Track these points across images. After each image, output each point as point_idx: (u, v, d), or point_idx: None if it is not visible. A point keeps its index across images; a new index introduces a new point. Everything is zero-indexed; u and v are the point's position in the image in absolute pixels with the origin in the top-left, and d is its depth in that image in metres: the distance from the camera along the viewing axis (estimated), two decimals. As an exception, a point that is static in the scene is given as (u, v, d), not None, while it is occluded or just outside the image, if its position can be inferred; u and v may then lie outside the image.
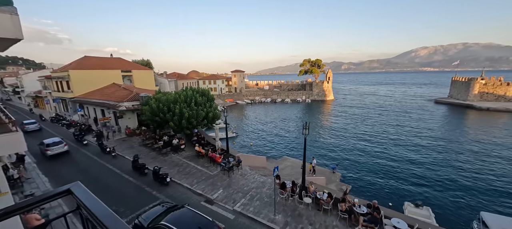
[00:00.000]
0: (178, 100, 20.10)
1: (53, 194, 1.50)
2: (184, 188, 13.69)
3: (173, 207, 9.03)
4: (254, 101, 73.53)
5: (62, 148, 18.53)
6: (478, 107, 50.68)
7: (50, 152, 17.78)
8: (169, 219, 7.90)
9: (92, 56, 39.01)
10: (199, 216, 8.23)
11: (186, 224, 7.69)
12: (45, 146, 17.88)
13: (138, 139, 22.73)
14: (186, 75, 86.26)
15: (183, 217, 8.14)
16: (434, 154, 26.04)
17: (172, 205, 9.52)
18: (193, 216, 8.19)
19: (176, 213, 8.44)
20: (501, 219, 12.12)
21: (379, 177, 20.97)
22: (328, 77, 73.81)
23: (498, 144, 28.76)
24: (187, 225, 7.61)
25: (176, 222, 7.73)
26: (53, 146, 18.09)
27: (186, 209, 8.63)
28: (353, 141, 31.68)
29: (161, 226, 7.66)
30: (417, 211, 14.13)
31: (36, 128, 26.95)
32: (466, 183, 19.36)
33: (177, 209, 8.70)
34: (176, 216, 8.21)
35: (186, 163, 17.40)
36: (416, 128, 37.93)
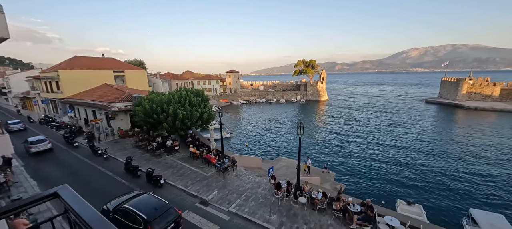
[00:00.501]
0: (172, 100, 19.87)
1: (39, 198, 1.44)
2: (178, 189, 13.52)
3: (137, 194, 10.10)
4: (249, 102, 73.49)
5: (46, 145, 19.05)
6: (467, 107, 52.25)
7: (34, 149, 18.36)
8: (131, 203, 9.17)
9: (83, 56, 38.12)
10: (158, 201, 9.50)
11: (145, 206, 9.00)
12: (28, 144, 18.46)
13: (131, 141, 22.33)
14: (180, 76, 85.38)
15: (144, 201, 9.41)
16: (425, 153, 26.67)
17: (138, 193, 10.50)
18: (153, 201, 9.49)
19: (138, 198, 9.64)
20: (489, 215, 12.52)
21: (372, 176, 21.30)
22: (322, 78, 74.56)
23: (485, 142, 29.71)
24: (145, 207, 8.89)
25: (137, 204, 9.02)
26: (37, 143, 18.66)
27: (147, 195, 9.97)
28: (347, 141, 32.09)
29: (123, 208, 8.95)
30: (409, 208, 14.44)
31: (20, 128, 26.79)
32: (455, 181, 19.90)
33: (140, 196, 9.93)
34: (138, 200, 9.44)
35: (180, 165, 17.19)
36: (407, 127, 38.75)
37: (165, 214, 8.77)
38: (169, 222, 8.58)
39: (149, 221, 8.19)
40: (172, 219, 8.77)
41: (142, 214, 8.40)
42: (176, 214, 9.08)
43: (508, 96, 54.54)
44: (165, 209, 8.95)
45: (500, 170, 21.57)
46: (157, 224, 8.30)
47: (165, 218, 8.65)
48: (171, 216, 8.87)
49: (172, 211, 9.09)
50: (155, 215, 8.50)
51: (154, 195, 10.07)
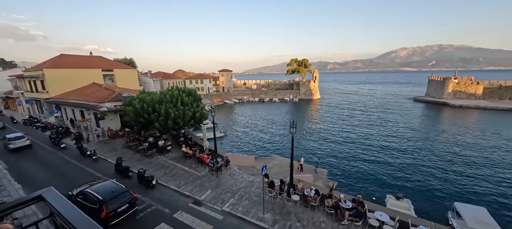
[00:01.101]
0: (164, 100, 19.55)
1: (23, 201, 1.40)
2: (171, 190, 13.36)
3: (100, 181, 11.28)
4: (242, 101, 73.35)
5: (24, 142, 19.49)
6: (452, 105, 54.28)
7: (12, 145, 18.84)
8: (92, 188, 10.27)
9: (69, 54, 36.84)
10: (116, 186, 10.62)
11: (103, 189, 10.17)
12: (7, 140, 18.94)
13: (122, 141, 21.83)
14: (172, 75, 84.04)
15: (103, 186, 10.55)
16: (413, 150, 27.52)
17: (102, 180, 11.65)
18: (111, 186, 10.59)
19: (100, 184, 10.79)
20: (472, 208, 13.10)
21: (363, 173, 21.79)
22: (314, 77, 75.37)
23: (469, 139, 30.99)
24: (103, 190, 10.08)
25: (96, 189, 10.17)
26: (15, 140, 19.12)
27: (109, 182, 11.06)
28: (339, 139, 32.64)
29: (84, 192, 10.09)
30: (398, 203, 14.89)
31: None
32: (442, 176, 20.67)
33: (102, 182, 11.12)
34: (99, 185, 10.59)
35: (173, 165, 16.98)
36: (397, 125, 39.85)
37: (120, 196, 9.97)
38: (123, 203, 9.90)
39: (104, 201, 9.46)
40: (126, 200, 10.05)
41: (98, 196, 9.66)
42: (131, 196, 10.34)
43: (490, 95, 57.08)
44: (121, 192, 10.16)
45: (483, 166, 22.58)
46: (111, 204, 9.56)
47: (119, 199, 9.87)
48: (126, 198, 10.11)
49: (127, 194, 10.31)
50: (110, 197, 9.74)
51: (115, 182, 11.08)
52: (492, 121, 40.14)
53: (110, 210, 9.39)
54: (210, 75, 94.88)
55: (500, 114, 45.01)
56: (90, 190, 9.98)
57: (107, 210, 9.27)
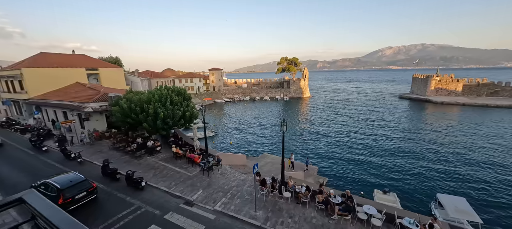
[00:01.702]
0: (152, 99, 19.09)
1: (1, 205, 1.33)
2: (161, 191, 13.11)
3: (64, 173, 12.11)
4: (233, 100, 73.02)
5: None
6: (435, 101, 56.87)
7: None
8: (53, 178, 11.19)
9: (50, 52, 35.01)
10: (76, 176, 11.64)
11: (63, 179, 11.13)
12: None
13: (108, 143, 21.11)
14: (160, 74, 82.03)
15: (64, 177, 11.45)
16: (399, 145, 28.62)
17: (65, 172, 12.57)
18: (71, 176, 11.57)
19: (62, 175, 11.68)
20: (453, 199, 13.82)
21: (352, 168, 22.42)
22: (304, 75, 76.28)
23: (450, 134, 32.65)
24: (62, 180, 11.04)
25: (57, 179, 11.12)
26: None
27: (71, 173, 11.96)
28: (328, 136, 33.32)
29: (46, 182, 11.01)
30: (384, 197, 15.46)
31: None
32: (425, 169, 21.67)
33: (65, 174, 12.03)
34: (60, 176, 11.49)
35: (162, 166, 16.65)
36: (383, 122, 41.23)
37: (78, 185, 11.02)
38: (81, 191, 10.95)
39: (61, 189, 10.47)
40: (85, 189, 11.12)
41: (57, 184, 10.67)
42: (89, 185, 11.45)
43: (469, 91, 60.31)
44: (79, 181, 11.22)
45: (462, 159, 23.88)
46: (68, 191, 10.57)
47: (77, 187, 10.93)
48: (84, 187, 11.17)
49: (86, 183, 11.40)
50: (68, 185, 10.78)
51: (77, 173, 12.00)
52: (470, 116, 42.48)
53: (67, 197, 10.42)
54: (200, 74, 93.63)
55: (478, 110, 47.74)
56: (50, 180, 11.00)
57: (64, 197, 10.29)
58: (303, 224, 10.19)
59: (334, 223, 10.24)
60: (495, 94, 57.89)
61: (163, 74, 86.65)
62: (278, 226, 10.05)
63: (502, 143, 28.04)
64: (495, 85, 58.61)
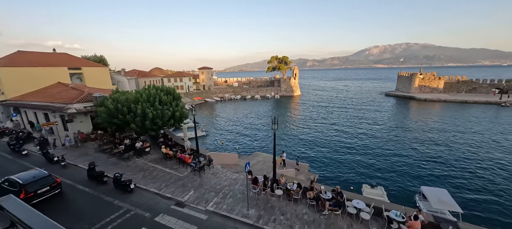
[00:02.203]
0: (140, 99, 18.57)
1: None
2: (151, 193, 12.82)
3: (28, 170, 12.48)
4: (224, 99, 72.49)
5: None
6: (418, 98, 59.27)
7: None
8: (17, 175, 11.51)
9: (28, 50, 33.16)
10: (39, 172, 11.96)
11: (26, 176, 11.50)
12: None
13: (94, 145, 20.34)
14: (148, 73, 79.94)
15: (28, 173, 11.80)
16: (385, 141, 29.62)
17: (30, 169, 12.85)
18: (35, 172, 11.90)
19: (26, 172, 12.04)
20: (435, 191, 14.51)
21: (341, 164, 22.97)
22: (294, 74, 76.98)
23: (432, 129, 34.17)
24: (25, 176, 11.43)
25: (20, 176, 11.44)
26: None
27: (35, 170, 12.28)
28: (318, 134, 33.90)
29: (9, 178, 11.32)
30: (372, 191, 15.98)
31: None
32: (410, 163, 22.58)
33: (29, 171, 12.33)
34: (24, 173, 11.84)
35: (152, 167, 16.28)
36: (370, 119, 42.49)
37: (41, 181, 11.39)
38: (43, 186, 11.32)
39: (23, 185, 10.85)
40: (47, 184, 11.50)
41: (19, 180, 11.00)
42: (53, 180, 11.80)
43: (450, 88, 63.35)
44: (42, 177, 11.58)
45: (443, 152, 25.09)
46: (30, 187, 10.95)
47: (40, 183, 11.31)
48: (47, 182, 11.54)
49: (49, 179, 11.75)
50: (30, 181, 11.15)
51: (41, 170, 12.23)
52: (451, 112, 44.67)
53: (29, 191, 10.81)
54: (189, 73, 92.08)
55: (458, 106, 50.29)
56: (13, 177, 11.31)
57: (26, 192, 10.66)
58: (295, 221, 10.34)
59: (325, 219, 10.46)
60: (473, 90, 61.18)
61: (151, 73, 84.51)
62: (270, 224, 10.13)
63: (479, 137, 29.73)
64: (473, 82, 61.94)
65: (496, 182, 18.55)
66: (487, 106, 49.43)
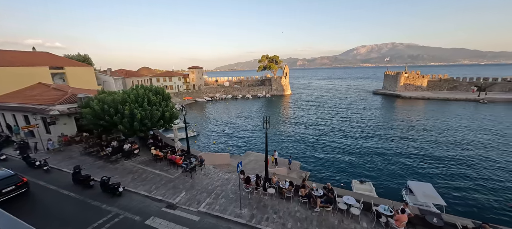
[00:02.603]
0: (128, 100, 18.03)
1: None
2: (140, 196, 12.50)
3: None
4: (215, 98, 71.86)
5: None
6: (404, 96, 61.50)
7: None
8: None
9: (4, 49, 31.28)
10: (4, 172, 12.03)
11: None
12: None
13: (79, 148, 19.54)
14: (136, 72, 77.75)
15: None
16: (373, 138, 30.52)
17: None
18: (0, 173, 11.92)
19: None
20: (421, 185, 15.13)
21: (332, 162, 23.42)
22: (285, 73, 77.59)
23: (417, 125, 35.58)
24: None
25: None
26: None
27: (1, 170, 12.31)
28: (309, 132, 34.39)
29: None
30: (362, 187, 16.43)
31: None
32: (397, 159, 23.40)
33: None
34: None
35: (141, 169, 15.87)
36: (359, 116, 43.62)
37: (5, 180, 11.45)
38: (8, 185, 11.36)
39: None
40: (13, 183, 11.55)
41: None
42: (18, 180, 11.83)
43: (433, 86, 66.23)
44: (6, 176, 11.65)
45: (428, 148, 26.21)
46: None
47: (5, 182, 11.35)
48: (12, 181, 11.58)
49: (15, 178, 11.79)
50: None
51: (7, 170, 12.26)
52: (434, 109, 46.74)
53: None
54: (179, 72, 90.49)
55: (440, 103, 52.70)
56: None
57: None
58: (287, 219, 10.44)
59: (316, 215, 10.64)
60: (454, 88, 64.31)
61: (139, 73, 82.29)
62: (263, 222, 10.18)
63: (460, 133, 31.30)
64: (454, 81, 65.09)
65: (476, 176, 19.62)
66: (467, 103, 52.12)
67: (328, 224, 10.07)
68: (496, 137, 28.72)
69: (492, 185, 17.98)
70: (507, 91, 57.87)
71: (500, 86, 59.67)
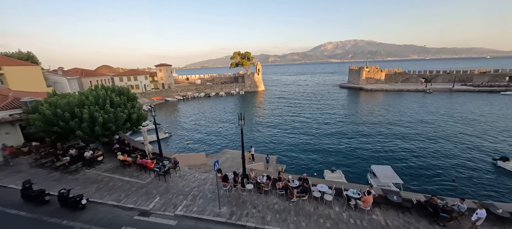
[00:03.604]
0: (86, 102, 16.26)
1: None
2: (108, 206, 11.48)
3: None
4: (187, 97, 69.04)
5: None
6: (366, 89, 67.29)
7: None
8: None
9: None
10: None
11: None
12: None
13: (29, 159, 17.01)
14: (94, 72, 70.09)
15: None
16: (342, 128, 32.89)
17: None
18: None
19: None
20: (382, 168, 16.86)
21: (305, 153, 24.60)
22: (258, 69, 78.15)
23: (378, 115, 39.37)
24: None
25: None
26: None
27: None
28: (283, 126, 35.46)
29: None
30: (333, 175, 17.64)
31: None
32: (362, 146, 25.62)
33: None
34: None
35: (108, 177, 14.55)
36: (327, 109, 46.47)
37: None
38: None
39: None
40: None
41: None
42: None
43: (389, 79, 73.78)
44: None
45: (387, 134, 29.25)
46: None
47: None
48: None
49: None
50: None
51: None
52: (391, 99, 52.22)
53: None
54: (145, 71, 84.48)
55: (396, 94, 59.10)
56: None
57: None
58: (266, 212, 10.70)
59: (294, 205, 11.12)
60: (407, 80, 72.70)
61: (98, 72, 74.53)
62: (243, 218, 10.26)
63: (413, 119, 35.61)
64: (406, 74, 73.51)
65: (426, 156, 22.61)
66: (417, 93, 59.40)
67: (305, 212, 10.61)
68: (441, 122, 33.42)
69: (438, 163, 20.95)
70: (447, 82, 67.53)
71: (441, 78, 69.36)
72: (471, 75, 67.12)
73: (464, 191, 16.43)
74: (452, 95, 54.22)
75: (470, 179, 18.14)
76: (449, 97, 52.49)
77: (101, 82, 59.99)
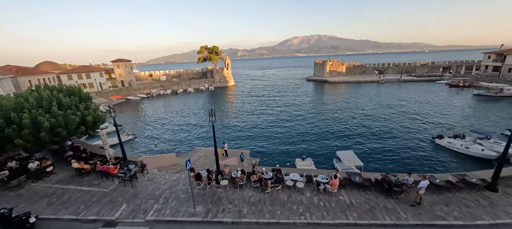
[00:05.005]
0: (26, 105, 13.91)
1: None
2: (65, 221, 10.17)
3: None
4: (151, 95, 64.36)
5: None
6: (330, 81, 72.16)
7: None
8: None
9: None
10: None
11: None
12: None
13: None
14: (33, 69, 59.91)
15: None
16: (309, 118, 34.84)
17: None
18: None
19: None
20: (345, 153, 18.49)
21: (277, 145, 25.45)
22: (227, 64, 76.88)
23: (341, 105, 42.73)
24: None
25: None
26: None
27: None
28: (255, 120, 35.91)
29: None
30: (303, 163, 18.68)
31: None
32: (328, 134, 27.62)
33: None
34: None
35: (61, 189, 12.83)
36: (296, 101, 48.59)
37: None
38: None
39: None
40: None
41: None
42: None
43: (349, 72, 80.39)
44: None
45: (348, 121, 32.08)
46: None
47: None
48: None
49: None
50: None
51: None
52: (351, 90, 57.15)
53: None
54: (100, 67, 75.65)
55: (356, 85, 64.90)
56: None
57: None
58: (243, 205, 10.82)
59: (268, 196, 11.47)
60: (364, 73, 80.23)
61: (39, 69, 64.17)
62: (219, 215, 10.20)
63: (369, 107, 39.65)
64: (363, 66, 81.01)
65: (383, 139, 25.54)
66: (372, 84, 66.12)
67: (279, 201, 11.06)
68: (392, 109, 37.95)
69: (391, 144, 23.88)
70: (396, 73, 76.62)
71: (392, 70, 78.41)
72: (414, 67, 77.48)
73: (411, 167, 19.12)
74: (401, 85, 61.94)
75: (415, 156, 21.22)
76: (398, 86, 59.85)
77: (44, 81, 51.66)
